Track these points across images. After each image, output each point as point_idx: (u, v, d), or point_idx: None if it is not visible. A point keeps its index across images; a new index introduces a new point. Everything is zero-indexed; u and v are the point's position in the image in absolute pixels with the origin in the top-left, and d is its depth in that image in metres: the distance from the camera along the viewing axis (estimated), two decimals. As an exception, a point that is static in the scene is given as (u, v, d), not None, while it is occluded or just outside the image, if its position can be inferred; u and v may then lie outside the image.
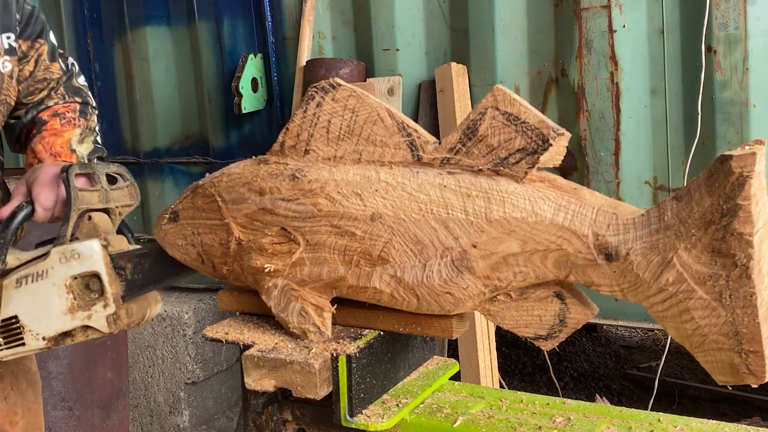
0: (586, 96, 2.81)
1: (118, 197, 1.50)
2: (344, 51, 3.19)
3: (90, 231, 1.43)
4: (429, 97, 3.02)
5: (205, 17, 3.38)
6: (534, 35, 2.88)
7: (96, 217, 1.44)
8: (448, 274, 1.07)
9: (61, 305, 1.37)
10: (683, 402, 3.77)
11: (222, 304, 1.33)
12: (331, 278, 1.15)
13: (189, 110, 3.52)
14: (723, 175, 0.88)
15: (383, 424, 1.12)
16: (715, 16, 2.58)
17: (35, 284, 1.39)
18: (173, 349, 3.29)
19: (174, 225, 1.28)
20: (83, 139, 1.73)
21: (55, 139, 1.69)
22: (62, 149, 1.67)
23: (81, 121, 1.76)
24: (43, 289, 1.38)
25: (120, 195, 1.50)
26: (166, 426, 3.34)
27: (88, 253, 1.35)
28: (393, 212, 1.08)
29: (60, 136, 1.70)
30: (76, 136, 1.72)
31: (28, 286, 1.39)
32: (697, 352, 0.96)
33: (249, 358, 1.15)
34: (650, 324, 2.88)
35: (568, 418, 1.16)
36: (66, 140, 1.69)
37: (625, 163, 2.79)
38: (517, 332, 1.09)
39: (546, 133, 0.99)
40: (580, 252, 0.99)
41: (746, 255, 0.88)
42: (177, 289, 3.49)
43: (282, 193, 1.15)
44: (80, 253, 1.36)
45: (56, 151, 1.66)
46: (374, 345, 1.17)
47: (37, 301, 1.39)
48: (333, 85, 1.12)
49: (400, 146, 1.09)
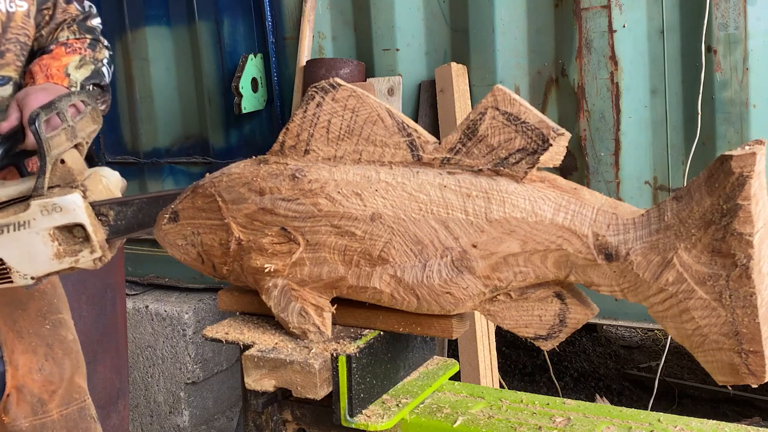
0: (586, 96, 2.81)
1: (83, 127, 1.50)
2: (344, 51, 3.19)
3: (64, 175, 1.43)
4: (429, 97, 3.02)
5: (205, 17, 3.38)
6: (534, 35, 2.88)
7: (68, 158, 1.44)
8: (448, 274, 1.07)
9: (47, 251, 1.39)
10: (683, 402, 3.77)
11: (222, 304, 1.33)
12: (331, 278, 1.15)
13: (189, 110, 3.52)
14: (723, 175, 0.88)
15: (383, 424, 1.12)
16: (715, 16, 2.58)
17: (18, 233, 1.40)
18: (173, 349, 3.29)
19: (174, 225, 1.28)
20: (81, 66, 1.73)
21: (51, 62, 1.71)
22: (57, 72, 1.68)
23: (87, 51, 1.78)
24: (26, 237, 1.39)
25: (84, 124, 1.50)
26: (166, 426, 3.34)
27: (71, 207, 1.37)
28: (393, 212, 1.08)
29: (58, 60, 1.72)
30: (75, 62, 1.73)
31: (11, 234, 1.40)
32: (697, 352, 0.96)
33: (249, 358, 1.15)
34: (650, 324, 2.88)
35: (568, 418, 1.16)
36: (63, 64, 1.71)
37: (625, 163, 2.79)
38: (517, 332, 1.09)
39: (546, 133, 0.99)
40: (580, 252, 0.99)
41: (746, 255, 0.88)
42: (177, 289, 3.49)
43: (282, 193, 1.15)
44: (62, 207, 1.37)
45: (51, 72, 1.67)
46: (374, 345, 1.17)
47: (22, 248, 1.40)
48: (333, 85, 1.11)
49: (400, 146, 1.09)
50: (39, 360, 1.79)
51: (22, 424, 1.77)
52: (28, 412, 1.78)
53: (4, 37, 1.69)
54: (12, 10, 1.70)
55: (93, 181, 1.45)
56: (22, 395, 1.77)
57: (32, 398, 1.78)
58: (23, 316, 1.79)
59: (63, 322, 1.87)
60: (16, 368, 1.77)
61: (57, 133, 1.42)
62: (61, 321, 1.87)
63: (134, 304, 3.35)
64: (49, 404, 1.80)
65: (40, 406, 1.79)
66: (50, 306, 1.85)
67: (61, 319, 1.87)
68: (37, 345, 1.80)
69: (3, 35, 1.68)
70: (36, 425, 1.78)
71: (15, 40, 1.71)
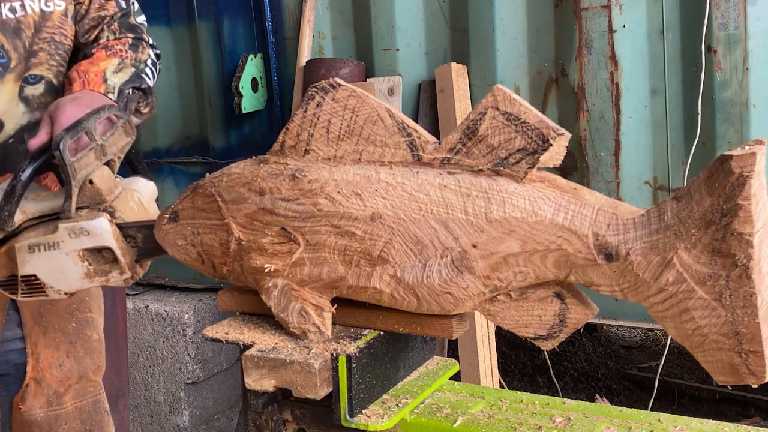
0: (586, 96, 2.81)
1: (114, 142, 1.47)
2: (344, 51, 3.19)
3: (93, 195, 1.43)
4: (429, 97, 3.02)
5: (205, 17, 3.38)
6: (534, 35, 2.88)
7: (97, 178, 1.43)
8: (448, 274, 1.07)
9: (77, 271, 1.41)
10: (683, 402, 3.77)
11: (222, 304, 1.33)
12: (331, 278, 1.15)
13: (189, 110, 3.52)
14: (723, 175, 0.88)
15: (383, 424, 1.12)
16: (715, 16, 2.58)
17: (48, 252, 1.41)
18: (173, 349, 3.29)
19: (174, 225, 1.28)
20: (120, 70, 1.69)
21: (89, 67, 1.67)
22: (95, 78, 1.64)
23: (129, 53, 1.74)
24: (57, 257, 1.41)
25: (115, 139, 1.48)
26: (166, 426, 3.34)
27: (98, 231, 1.38)
28: (393, 212, 1.08)
29: (96, 65, 1.67)
30: (113, 66, 1.69)
31: (42, 253, 1.42)
32: (697, 352, 0.96)
33: (249, 358, 1.15)
34: (650, 324, 2.88)
35: (568, 418, 1.16)
36: (101, 69, 1.66)
37: (625, 163, 2.79)
38: (517, 332, 1.09)
39: (546, 133, 0.99)
40: (580, 252, 0.99)
41: (746, 255, 0.88)
42: (177, 289, 3.49)
43: (282, 193, 1.15)
44: (89, 231, 1.38)
45: (89, 78, 1.64)
46: (374, 345, 1.17)
47: (53, 266, 1.41)
48: (333, 85, 1.11)
49: (400, 146, 1.09)
50: (60, 356, 1.82)
51: (37, 414, 1.81)
52: (44, 403, 1.82)
53: (37, 36, 1.68)
54: (49, 9, 1.68)
55: (122, 201, 1.45)
56: (40, 388, 1.80)
57: (49, 390, 1.81)
58: (51, 311, 1.81)
59: (90, 321, 1.89)
60: (38, 361, 1.80)
61: (84, 154, 1.41)
62: (89, 320, 1.89)
63: (134, 304, 3.35)
64: (64, 396, 1.83)
65: (56, 398, 1.82)
66: (80, 304, 1.87)
67: (88, 317, 1.89)
68: (61, 341, 1.82)
69: (36, 35, 1.68)
70: (51, 416, 1.82)
71: (50, 39, 1.70)
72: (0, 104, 1.65)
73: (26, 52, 1.67)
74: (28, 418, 1.80)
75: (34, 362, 1.79)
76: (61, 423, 1.83)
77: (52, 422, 1.82)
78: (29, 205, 1.44)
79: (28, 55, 1.68)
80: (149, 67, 1.77)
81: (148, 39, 1.83)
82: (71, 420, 1.84)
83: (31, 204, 1.45)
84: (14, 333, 1.78)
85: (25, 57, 1.67)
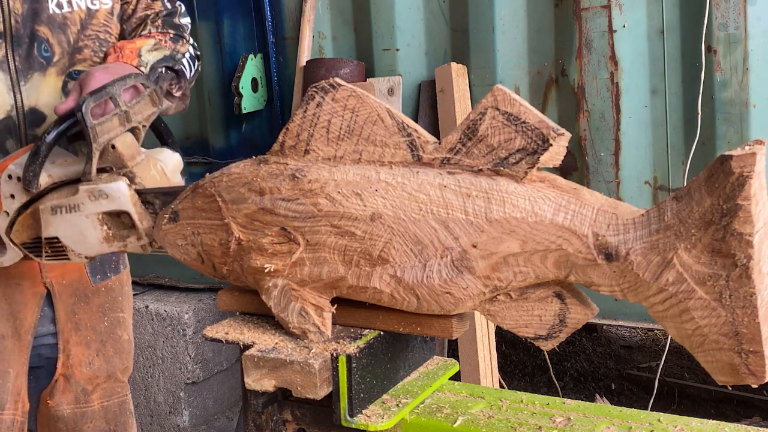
0: (586, 96, 2.81)
1: (139, 110, 1.48)
2: (344, 51, 3.19)
3: (115, 160, 1.44)
4: (429, 97, 3.02)
5: (205, 17, 3.38)
6: (534, 35, 2.88)
7: (119, 144, 1.44)
8: (448, 274, 1.07)
9: (97, 235, 1.42)
10: (683, 402, 3.77)
11: (222, 304, 1.33)
12: (331, 278, 1.15)
13: (189, 110, 3.49)
14: (723, 175, 0.88)
15: (383, 424, 1.12)
16: (715, 16, 2.58)
17: (70, 215, 1.42)
18: (173, 349, 3.29)
19: (174, 225, 1.28)
20: (156, 49, 1.70)
21: (126, 44, 1.69)
22: (130, 53, 1.65)
23: (168, 42, 1.75)
24: (77, 219, 1.42)
25: (141, 107, 1.49)
26: (166, 426, 3.34)
27: (116, 195, 1.39)
28: (393, 212, 1.08)
29: (132, 43, 1.69)
30: (149, 45, 1.70)
31: (63, 215, 1.43)
32: (697, 352, 0.96)
33: (249, 358, 1.15)
34: (650, 324, 2.88)
35: (568, 418, 1.16)
36: (137, 46, 1.68)
37: (625, 163, 2.79)
38: (517, 332, 1.09)
39: (546, 133, 0.99)
40: (580, 252, 0.99)
41: (746, 255, 0.88)
42: (177, 289, 3.49)
43: (282, 193, 1.15)
44: (108, 194, 1.39)
45: (124, 53, 1.65)
46: (374, 345, 1.17)
47: (74, 228, 1.43)
48: (333, 85, 1.11)
49: (400, 146, 1.09)
50: (90, 354, 1.84)
51: (64, 410, 1.83)
52: (71, 399, 1.84)
53: (83, 33, 1.70)
54: (95, 7, 1.70)
55: (144, 168, 1.46)
56: (69, 384, 1.82)
57: (77, 387, 1.83)
58: (84, 309, 1.83)
59: (121, 321, 1.91)
60: (68, 357, 1.82)
61: (108, 119, 1.42)
62: (120, 320, 1.91)
63: (134, 304, 3.33)
64: (92, 395, 1.85)
65: (83, 396, 1.84)
66: (113, 303, 1.89)
67: (120, 317, 1.91)
68: (91, 340, 1.84)
69: (82, 31, 1.69)
70: (77, 413, 1.84)
71: (95, 36, 1.72)
72: (43, 96, 1.67)
73: (71, 48, 1.69)
74: (55, 413, 1.82)
75: (65, 359, 1.81)
76: (87, 421, 1.85)
77: (78, 419, 1.84)
78: (56, 169, 1.46)
79: (73, 51, 1.70)
80: (187, 59, 1.78)
81: (189, 39, 1.85)
82: (97, 419, 1.86)
83: (58, 168, 1.46)
84: (47, 329, 1.80)
85: (69, 52, 1.69)
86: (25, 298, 1.74)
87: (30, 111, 1.66)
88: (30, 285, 1.75)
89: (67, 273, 1.79)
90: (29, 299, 1.75)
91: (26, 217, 1.47)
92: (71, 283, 1.80)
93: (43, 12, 1.64)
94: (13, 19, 1.61)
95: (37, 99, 1.66)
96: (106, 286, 1.87)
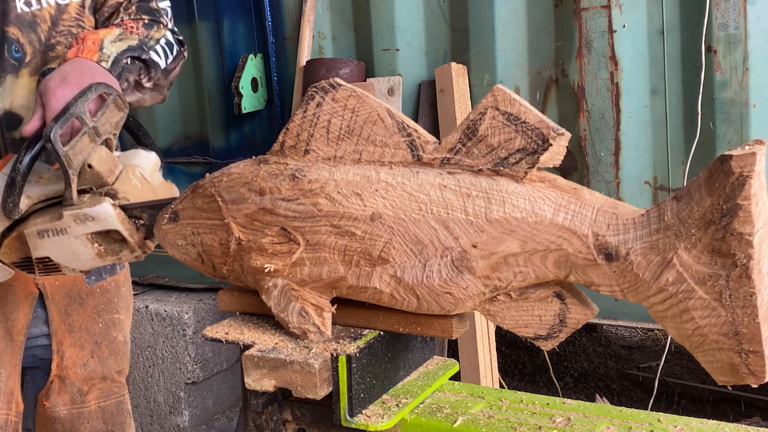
0: (586, 96, 2.81)
1: (107, 120, 1.44)
2: (344, 51, 3.19)
3: (94, 179, 1.42)
4: (429, 97, 3.02)
5: (205, 17, 3.38)
6: (534, 35, 2.88)
7: (95, 161, 1.41)
8: (448, 274, 1.07)
9: (89, 252, 1.41)
10: (683, 402, 3.77)
11: (222, 304, 1.33)
12: (331, 278, 1.15)
13: (189, 110, 3.52)
14: (723, 175, 0.88)
15: (383, 424, 1.12)
16: (715, 16, 2.58)
17: (57, 238, 1.41)
18: (173, 349, 3.29)
19: (174, 225, 1.28)
20: (121, 39, 1.61)
21: (88, 34, 1.59)
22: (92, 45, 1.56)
23: (140, 30, 1.67)
24: (66, 241, 1.41)
25: (108, 117, 1.45)
26: (166, 426, 3.34)
27: (102, 217, 1.38)
28: (393, 212, 1.08)
29: (95, 34, 1.60)
30: (113, 36, 1.60)
31: (51, 238, 1.42)
32: (697, 352, 0.96)
33: (249, 358, 1.15)
34: (650, 324, 2.88)
35: (568, 418, 1.16)
36: (99, 38, 1.58)
37: (625, 163, 2.79)
38: (517, 332, 1.09)
39: (546, 133, 0.99)
40: (580, 252, 0.99)
41: (746, 255, 0.88)
42: (177, 289, 3.49)
43: (282, 193, 1.15)
44: (93, 217, 1.38)
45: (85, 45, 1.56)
46: (374, 345, 1.17)
47: (65, 249, 1.42)
48: (333, 85, 1.11)
49: (400, 146, 1.09)
50: (85, 356, 1.83)
51: (60, 411, 1.82)
52: (68, 400, 1.83)
53: (54, 30, 1.65)
54: (64, 2, 1.66)
55: (124, 181, 1.44)
56: (64, 386, 1.82)
57: (73, 388, 1.83)
58: (78, 311, 1.82)
59: (117, 322, 1.90)
60: (62, 359, 1.81)
61: (78, 139, 1.39)
62: (115, 321, 1.90)
63: (134, 304, 3.34)
64: (88, 395, 1.85)
65: (79, 396, 1.84)
66: (108, 305, 1.88)
67: (115, 319, 1.89)
68: (86, 341, 1.83)
69: (53, 28, 1.65)
70: (74, 414, 1.84)
71: (67, 32, 1.68)
72: (17, 98, 1.64)
73: (42, 46, 1.65)
74: (51, 414, 1.82)
75: (59, 360, 1.80)
76: (84, 421, 1.84)
77: (75, 420, 1.83)
78: (33, 189, 1.44)
79: (45, 49, 1.66)
80: (161, 45, 1.70)
81: (167, 23, 1.77)
82: (93, 419, 1.85)
83: (36, 188, 1.45)
84: (40, 330, 1.79)
85: (41, 51, 1.65)
86: (17, 299, 1.74)
87: (5, 114, 1.64)
88: (22, 286, 1.74)
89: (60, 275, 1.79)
90: (21, 300, 1.74)
91: (12, 240, 1.46)
92: (64, 285, 1.79)
93: (10, 12, 1.60)
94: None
95: (12, 101, 1.63)
96: (101, 287, 1.86)
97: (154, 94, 1.73)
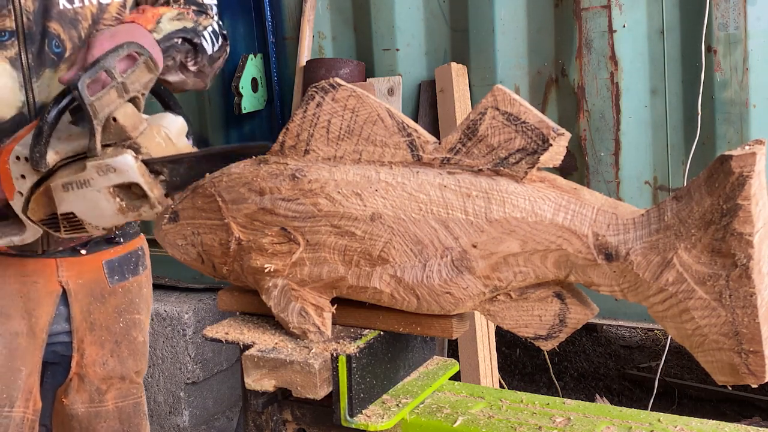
0: (586, 96, 2.81)
1: (136, 79, 1.47)
2: (344, 51, 3.19)
3: (118, 133, 1.44)
4: (429, 97, 3.02)
5: (205, 17, 3.37)
6: (534, 35, 2.88)
7: (120, 116, 1.44)
8: (448, 274, 1.07)
9: (111, 207, 1.43)
10: (683, 402, 3.77)
11: (222, 304, 1.33)
12: (331, 278, 1.15)
13: (189, 110, 3.49)
14: (723, 175, 0.88)
15: (383, 424, 1.12)
16: (715, 16, 2.58)
17: (81, 190, 1.43)
18: (173, 349, 3.29)
19: (174, 225, 1.28)
20: (178, 19, 1.66)
21: (148, 8, 1.64)
22: (151, 17, 1.61)
23: (192, 15, 1.71)
24: (89, 194, 1.43)
25: (137, 76, 1.47)
26: (166, 426, 3.34)
27: (123, 168, 1.40)
28: (393, 212, 1.08)
29: (156, 9, 1.65)
30: (172, 14, 1.66)
31: (75, 191, 1.44)
32: (697, 352, 0.96)
33: (249, 358, 1.16)
34: (650, 324, 2.88)
35: (568, 418, 1.16)
36: (159, 13, 1.63)
37: (625, 163, 2.79)
38: (517, 332, 1.09)
39: (546, 133, 0.99)
40: (580, 252, 0.99)
41: (746, 255, 0.88)
42: (177, 289, 3.49)
43: (282, 193, 1.15)
44: (115, 168, 1.40)
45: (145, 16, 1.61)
46: (374, 345, 1.17)
47: (88, 203, 1.44)
48: (333, 85, 1.12)
49: (400, 146, 1.09)
50: (104, 355, 1.84)
51: (78, 409, 1.83)
52: (86, 399, 1.83)
53: (94, 28, 1.67)
54: (106, 1, 1.68)
55: (148, 137, 1.46)
56: (83, 384, 1.82)
57: (91, 387, 1.83)
58: (99, 309, 1.82)
59: (137, 322, 1.90)
60: (82, 357, 1.81)
61: (105, 92, 1.41)
62: (136, 321, 1.90)
63: (134, 304, 3.34)
64: (106, 394, 1.85)
65: (98, 395, 1.84)
66: (129, 305, 1.88)
67: (136, 319, 1.90)
68: (106, 340, 1.84)
69: (93, 26, 1.67)
70: (91, 412, 1.84)
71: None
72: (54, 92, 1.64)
73: (82, 43, 1.66)
74: (69, 411, 1.82)
75: (79, 358, 1.81)
76: (101, 420, 1.84)
77: (92, 418, 1.83)
78: (62, 145, 1.46)
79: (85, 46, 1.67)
80: (209, 33, 1.74)
81: (214, 16, 1.80)
82: (110, 419, 1.86)
83: (64, 144, 1.47)
84: (62, 327, 1.79)
85: (80, 47, 1.66)
86: (40, 296, 1.74)
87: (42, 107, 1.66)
88: (45, 283, 1.74)
89: (83, 272, 1.78)
90: (44, 297, 1.75)
91: (40, 195, 1.48)
92: (87, 283, 1.80)
93: (53, 8, 1.63)
94: (24, 17, 1.60)
95: (49, 95, 1.65)
96: (123, 287, 1.86)
97: (196, 80, 1.77)
